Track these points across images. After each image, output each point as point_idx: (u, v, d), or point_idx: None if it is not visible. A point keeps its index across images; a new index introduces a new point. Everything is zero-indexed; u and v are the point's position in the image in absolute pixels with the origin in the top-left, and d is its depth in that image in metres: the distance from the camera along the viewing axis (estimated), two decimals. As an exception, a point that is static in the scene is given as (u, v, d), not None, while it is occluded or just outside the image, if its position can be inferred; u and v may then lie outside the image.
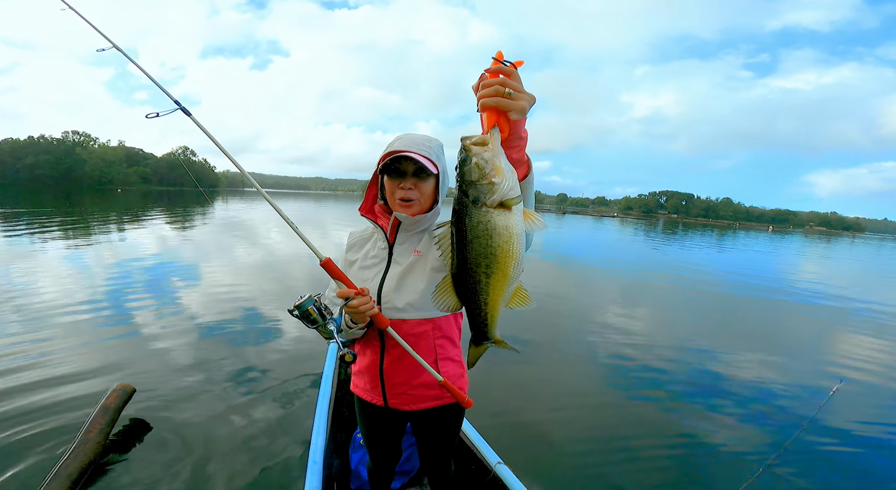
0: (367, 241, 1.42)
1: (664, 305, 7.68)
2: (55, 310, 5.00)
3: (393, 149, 1.22)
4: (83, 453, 2.28)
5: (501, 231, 0.79)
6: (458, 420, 1.47)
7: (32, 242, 10.10)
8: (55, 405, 2.94)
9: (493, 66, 0.79)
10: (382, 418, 1.45)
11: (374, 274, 1.33)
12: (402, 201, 1.26)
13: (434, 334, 1.32)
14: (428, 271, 1.27)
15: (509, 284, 0.85)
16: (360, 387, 1.44)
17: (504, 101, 0.78)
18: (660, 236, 28.69)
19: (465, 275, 0.84)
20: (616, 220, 56.30)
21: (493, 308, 0.88)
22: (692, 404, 3.66)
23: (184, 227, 15.69)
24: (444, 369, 1.34)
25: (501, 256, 0.80)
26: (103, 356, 3.79)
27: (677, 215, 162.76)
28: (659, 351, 4.95)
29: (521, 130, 0.86)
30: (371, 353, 1.36)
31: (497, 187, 0.77)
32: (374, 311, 1.19)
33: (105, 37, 1.30)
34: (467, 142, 0.79)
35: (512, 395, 3.65)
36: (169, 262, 8.36)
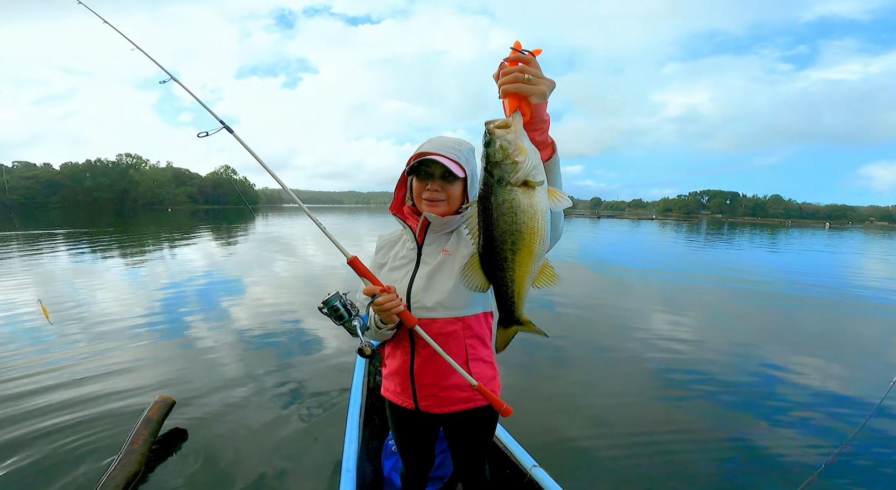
0: (396, 242, 1.44)
1: (712, 310, 7.28)
2: (106, 323, 5.36)
3: (422, 150, 1.24)
4: (129, 465, 2.36)
5: (526, 208, 0.82)
6: (492, 423, 1.44)
7: (94, 260, 10.89)
8: (100, 416, 3.08)
9: (512, 55, 0.82)
10: (414, 422, 1.43)
11: (404, 274, 1.34)
12: (429, 202, 1.28)
13: (464, 334, 1.30)
14: (457, 269, 1.27)
15: (535, 261, 0.87)
16: (391, 390, 1.43)
17: (524, 87, 0.80)
18: (704, 237, 27.34)
19: (491, 252, 0.87)
20: (655, 223, 54.10)
21: (519, 285, 0.90)
22: (742, 410, 3.45)
23: (228, 244, 16.43)
24: (476, 370, 1.31)
25: (527, 233, 0.83)
26: (146, 368, 3.96)
27: (722, 215, 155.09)
28: (706, 355, 4.71)
29: (543, 114, 0.88)
30: (401, 355, 1.36)
31: (520, 166, 0.80)
32: (401, 308, 1.19)
33: (166, 71, 1.49)
34: (490, 125, 0.82)
35: (548, 399, 3.57)
36: (214, 277, 8.76)
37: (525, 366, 4.28)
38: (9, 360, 4.06)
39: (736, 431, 3.10)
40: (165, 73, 1.47)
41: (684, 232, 34.10)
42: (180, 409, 3.07)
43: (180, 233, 20.40)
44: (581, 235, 25.37)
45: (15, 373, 3.78)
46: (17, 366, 3.93)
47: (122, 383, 3.63)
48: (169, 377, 3.76)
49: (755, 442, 2.99)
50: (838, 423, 3.27)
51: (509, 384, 3.74)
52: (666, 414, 3.38)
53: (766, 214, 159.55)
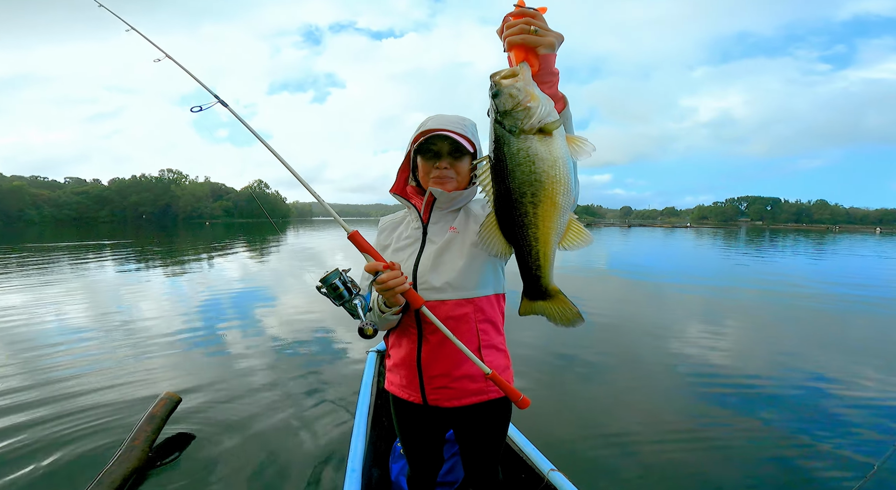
0: (400, 223, 1.36)
1: (752, 319, 6.87)
2: (134, 326, 5.63)
3: (426, 128, 1.18)
4: (127, 460, 2.33)
5: (545, 155, 0.73)
6: (506, 418, 1.32)
7: (138, 270, 11.44)
8: (107, 412, 3.12)
9: (517, 9, 0.78)
10: (421, 418, 1.33)
11: (409, 255, 1.25)
12: (437, 180, 1.21)
13: (476, 317, 1.21)
14: (467, 248, 1.20)
15: (560, 214, 0.76)
16: (396, 383, 1.32)
17: (531, 37, 0.76)
18: (743, 245, 26.11)
19: (509, 209, 0.76)
20: (690, 231, 52.18)
21: (545, 244, 0.78)
22: (780, 425, 3.19)
23: (261, 256, 16.93)
24: (489, 359, 1.21)
25: (548, 182, 0.73)
26: (159, 367, 4.04)
27: (762, 222, 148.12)
28: (743, 364, 4.45)
29: (552, 66, 0.81)
30: (407, 343, 1.25)
31: (534, 111, 0.73)
32: (405, 286, 1.09)
33: (161, 50, 1.50)
34: (496, 76, 0.76)
35: (569, 401, 3.46)
36: (243, 287, 9.02)
37: (546, 364, 4.18)
38: (37, 356, 4.33)
39: (773, 448, 2.86)
40: (160, 51, 1.46)
41: (722, 240, 32.66)
42: (188, 408, 3.07)
43: (218, 245, 21.22)
44: (611, 245, 24.74)
45: (43, 367, 4.02)
46: (47, 362, 4.17)
47: (133, 381, 3.69)
48: (181, 377, 3.79)
49: (794, 457, 2.75)
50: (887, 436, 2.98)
51: (527, 382, 3.72)
52: (697, 424, 3.17)
53: (810, 220, 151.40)
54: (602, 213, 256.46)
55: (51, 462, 2.51)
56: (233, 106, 1.37)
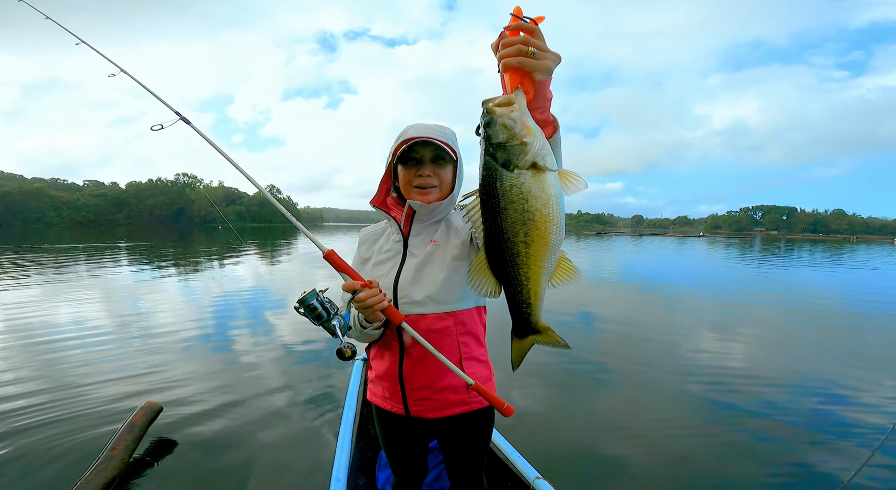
0: (380, 235, 1.35)
1: (763, 331, 6.74)
2: (130, 329, 5.64)
3: (407, 136, 1.17)
4: (106, 470, 2.27)
5: (538, 193, 0.71)
6: (489, 427, 1.33)
7: (152, 271, 11.65)
8: (89, 419, 3.05)
9: (513, 23, 0.72)
10: (404, 429, 1.32)
11: (389, 268, 1.25)
12: (420, 189, 1.20)
13: (457, 330, 1.21)
14: (448, 261, 1.19)
15: (551, 253, 0.75)
16: (379, 394, 1.32)
17: (528, 61, 0.71)
18: (758, 256, 25.65)
19: (500, 246, 0.75)
20: (702, 241, 51.43)
21: (535, 282, 0.77)
22: (785, 442, 3.10)
23: (272, 260, 17.11)
24: (470, 371, 1.22)
25: (541, 222, 0.72)
26: (140, 375, 3.92)
27: (777, 231, 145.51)
28: (747, 378, 4.34)
29: (547, 91, 0.78)
30: (389, 356, 1.25)
31: (530, 146, 0.71)
32: (384, 304, 1.08)
33: (115, 64, 1.41)
34: (490, 103, 0.72)
35: (560, 409, 3.43)
36: (240, 292, 9.09)
37: (547, 371, 4.16)
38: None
39: (775, 464, 2.79)
40: (114, 65, 1.38)
41: (735, 250, 32.12)
42: (171, 416, 3.01)
43: (230, 249, 21.50)
44: (622, 254, 24.50)
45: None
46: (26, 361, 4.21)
47: (117, 388, 3.60)
48: (165, 384, 3.72)
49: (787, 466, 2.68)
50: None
51: (524, 389, 3.70)
52: (694, 437, 3.11)
53: (827, 230, 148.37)
54: (613, 221, 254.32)
55: (24, 473, 2.44)
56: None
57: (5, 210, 69.20)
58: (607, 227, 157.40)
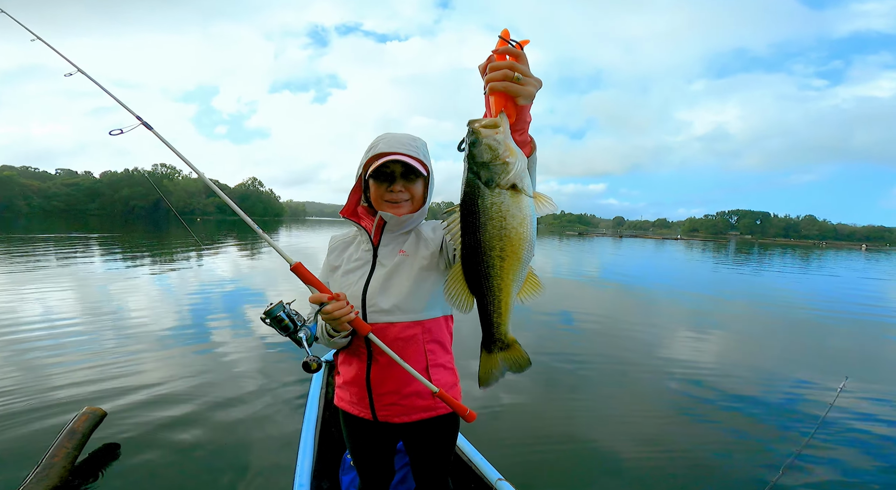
0: (350, 244, 1.37)
1: (733, 331, 7.00)
2: (81, 327, 5.47)
3: (379, 151, 1.19)
4: (46, 478, 2.17)
5: (515, 212, 0.78)
6: (454, 432, 1.37)
7: (125, 266, 11.32)
8: (22, 423, 2.89)
9: (500, 47, 0.77)
10: (371, 433, 1.35)
11: (358, 277, 1.27)
12: (391, 204, 1.22)
13: (424, 338, 1.24)
14: (416, 271, 1.22)
15: (522, 268, 0.82)
16: (346, 400, 1.34)
17: (513, 87, 0.76)
18: (732, 259, 26.45)
19: (477, 259, 0.81)
20: (680, 243, 52.75)
21: (507, 294, 0.83)
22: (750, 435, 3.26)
23: (252, 255, 16.81)
24: (436, 377, 1.26)
25: (516, 238, 0.79)
26: (80, 376, 3.69)
27: (751, 236, 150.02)
28: (714, 374, 4.50)
29: (527, 115, 0.84)
30: (357, 363, 1.28)
31: (511, 167, 0.77)
32: (351, 316, 1.11)
33: (72, 63, 1.35)
34: (476, 125, 0.77)
35: (524, 410, 3.50)
36: (208, 286, 8.91)
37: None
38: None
39: (741, 458, 2.92)
40: (71, 64, 1.34)
41: (711, 253, 33.04)
42: (118, 421, 2.88)
43: (208, 241, 21.03)
44: (602, 255, 24.93)
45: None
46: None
47: (63, 389, 3.42)
48: (112, 387, 3.51)
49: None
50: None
51: (482, 394, 3.70)
52: (658, 433, 3.24)
53: (799, 235, 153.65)
54: (595, 222, 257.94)
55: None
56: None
57: (-30, 198, 66.30)
58: (589, 228, 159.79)
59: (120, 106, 1.30)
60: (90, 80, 1.33)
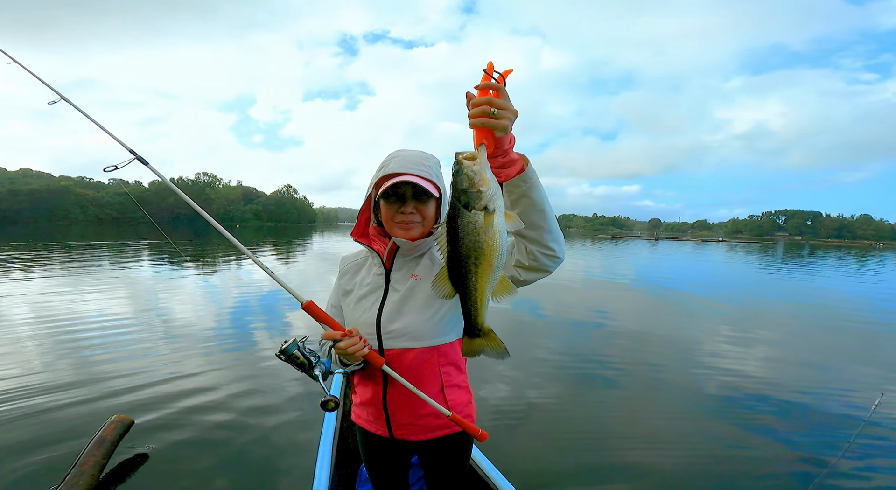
0: (362, 266, 1.36)
1: (781, 339, 6.55)
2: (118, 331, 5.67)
3: (390, 171, 1.17)
4: (76, 486, 2.23)
5: (486, 229, 0.93)
6: (468, 448, 1.40)
7: (172, 270, 11.91)
8: (58, 431, 2.97)
9: (483, 82, 0.88)
10: (387, 450, 1.37)
11: (372, 302, 1.26)
12: (403, 225, 1.21)
13: (439, 362, 1.25)
14: (429, 296, 1.21)
15: (494, 273, 0.99)
16: (363, 418, 1.36)
17: (489, 122, 0.86)
18: (780, 262, 24.98)
19: (458, 266, 0.98)
20: (722, 245, 50.26)
21: (481, 292, 1.00)
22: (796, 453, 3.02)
23: (288, 259, 17.33)
24: (451, 397, 1.28)
25: (487, 250, 0.95)
26: (107, 385, 3.77)
27: (801, 237, 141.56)
28: (758, 383, 4.22)
29: (506, 143, 0.94)
30: (373, 386, 1.29)
31: (483, 194, 0.90)
32: (365, 351, 1.14)
33: (55, 91, 1.31)
34: (459, 156, 0.90)
35: (545, 422, 3.39)
36: (244, 292, 9.20)
37: (547, 378, 4.13)
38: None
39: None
40: (55, 92, 1.31)
41: (757, 255, 31.33)
42: (145, 428, 2.96)
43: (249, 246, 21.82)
44: (636, 258, 24.12)
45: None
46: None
47: (89, 398, 3.47)
48: (143, 395, 3.60)
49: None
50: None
51: (503, 407, 3.72)
52: (697, 457, 3.04)
53: (853, 236, 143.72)
54: (630, 224, 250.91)
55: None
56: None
57: (32, 207, 71.75)
58: (623, 231, 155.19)
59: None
60: (78, 110, 1.28)
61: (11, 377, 3.90)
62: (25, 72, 1.36)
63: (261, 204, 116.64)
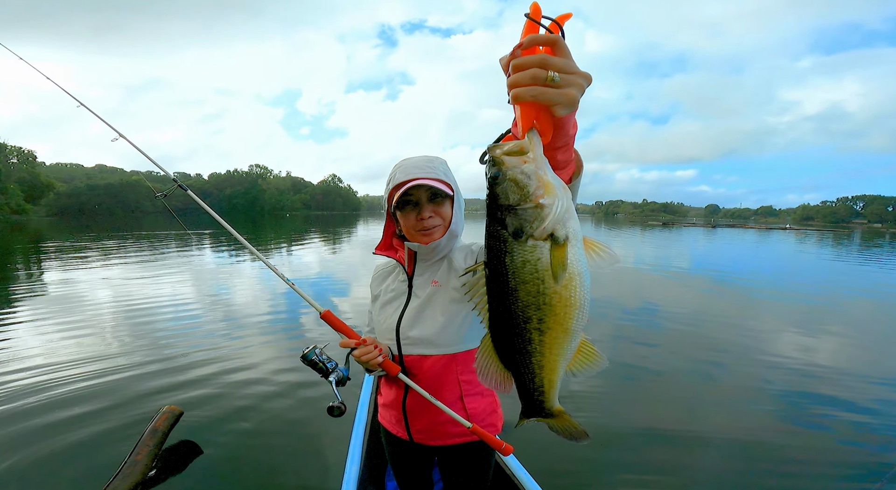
0: (390, 273, 1.38)
1: (858, 333, 5.91)
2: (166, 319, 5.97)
3: (398, 181, 1.15)
4: (131, 475, 2.33)
5: (556, 271, 0.57)
6: (489, 456, 1.35)
7: (230, 256, 12.65)
8: (113, 423, 3.08)
9: (528, 37, 0.53)
10: (408, 452, 1.39)
11: (394, 309, 1.28)
12: (425, 231, 1.19)
13: (458, 370, 1.23)
14: (447, 303, 1.19)
15: (571, 340, 0.61)
16: (386, 419, 1.39)
17: (546, 92, 0.52)
18: (857, 251, 22.68)
19: (509, 333, 0.62)
20: (790, 233, 46.22)
21: (550, 371, 0.64)
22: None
23: (334, 246, 17.92)
24: (472, 406, 1.25)
25: (559, 306, 0.58)
26: (157, 376, 3.91)
27: (882, 225, 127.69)
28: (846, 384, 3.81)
29: (570, 126, 0.61)
30: (395, 390, 1.31)
31: (548, 211, 0.55)
32: (379, 360, 1.16)
33: (115, 129, 1.47)
34: (497, 152, 0.56)
35: (588, 424, 3.19)
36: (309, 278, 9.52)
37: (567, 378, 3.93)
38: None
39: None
40: (114, 131, 1.46)
41: (831, 244, 28.60)
42: (193, 419, 3.06)
43: (297, 235, 22.83)
44: (692, 245, 22.78)
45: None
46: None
47: (138, 389, 3.61)
48: (187, 387, 3.71)
49: None
50: None
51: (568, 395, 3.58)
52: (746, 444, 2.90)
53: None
54: (684, 211, 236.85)
55: (52, 479, 2.51)
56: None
57: (109, 199, 78.69)
58: (676, 218, 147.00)
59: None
60: (135, 147, 1.49)
61: (69, 363, 4.16)
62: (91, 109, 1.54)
63: (308, 193, 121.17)
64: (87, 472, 2.54)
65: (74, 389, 3.60)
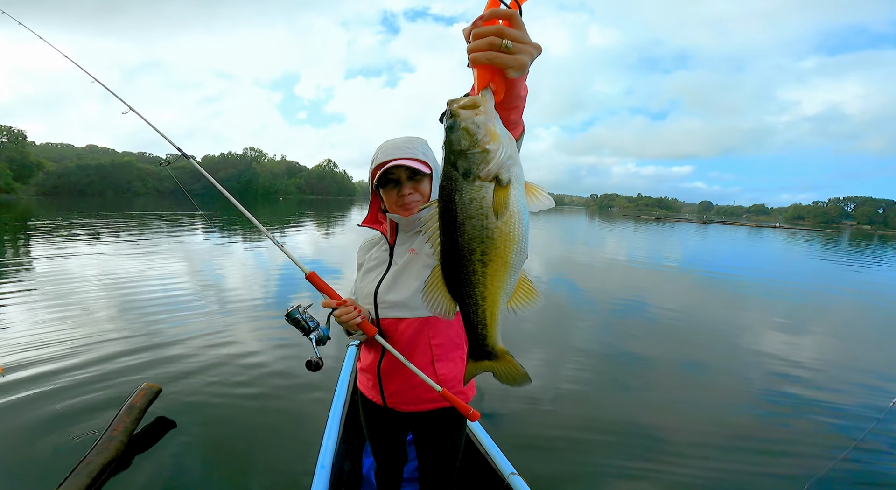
0: (375, 244, 1.46)
1: (841, 331, 6.11)
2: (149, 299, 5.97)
3: (379, 161, 1.24)
4: (106, 451, 2.32)
5: (499, 209, 0.66)
6: (460, 423, 1.41)
7: (221, 238, 12.62)
8: (92, 397, 3.08)
9: (488, 10, 0.63)
10: (382, 417, 1.44)
11: (374, 276, 1.36)
12: (404, 207, 1.27)
13: (430, 334, 1.29)
14: (422, 268, 1.27)
15: (510, 274, 0.70)
16: (363, 384, 1.45)
17: (500, 57, 0.62)
18: (843, 251, 23.04)
19: (456, 264, 0.69)
20: (779, 232, 46.67)
21: (492, 303, 0.71)
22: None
23: (327, 231, 17.89)
24: (443, 372, 1.30)
25: (500, 240, 0.66)
26: (146, 351, 3.91)
27: (871, 227, 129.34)
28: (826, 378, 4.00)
29: (521, 88, 0.71)
30: (373, 353, 1.38)
31: (493, 156, 0.64)
32: (357, 320, 1.22)
33: (126, 103, 1.62)
34: (454, 105, 0.65)
35: (566, 407, 3.32)
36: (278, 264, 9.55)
37: (573, 362, 4.09)
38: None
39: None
40: (126, 105, 1.60)
41: (819, 244, 28.98)
42: (170, 394, 3.06)
43: (292, 217, 22.75)
44: (683, 242, 23.01)
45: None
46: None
47: (118, 366, 3.60)
48: (167, 363, 3.71)
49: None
50: None
51: (542, 377, 3.73)
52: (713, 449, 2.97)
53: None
54: (677, 206, 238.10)
55: (26, 451, 2.49)
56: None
57: (100, 180, 77.49)
58: (669, 213, 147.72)
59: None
60: (143, 119, 1.62)
61: (50, 340, 4.13)
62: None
63: (303, 178, 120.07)
64: (62, 447, 2.54)
65: (55, 368, 3.56)
